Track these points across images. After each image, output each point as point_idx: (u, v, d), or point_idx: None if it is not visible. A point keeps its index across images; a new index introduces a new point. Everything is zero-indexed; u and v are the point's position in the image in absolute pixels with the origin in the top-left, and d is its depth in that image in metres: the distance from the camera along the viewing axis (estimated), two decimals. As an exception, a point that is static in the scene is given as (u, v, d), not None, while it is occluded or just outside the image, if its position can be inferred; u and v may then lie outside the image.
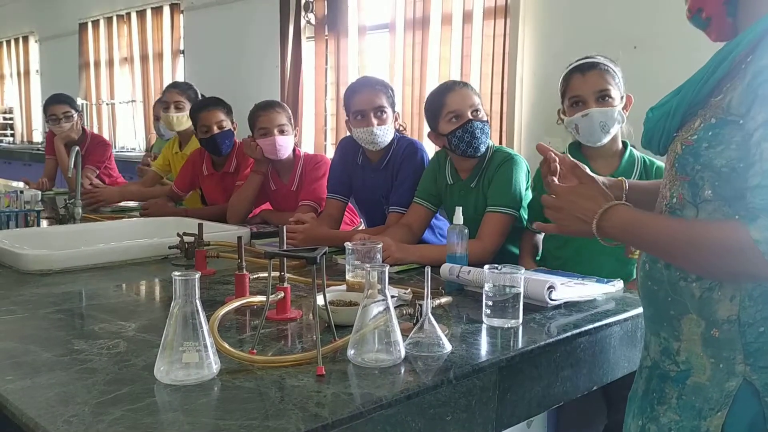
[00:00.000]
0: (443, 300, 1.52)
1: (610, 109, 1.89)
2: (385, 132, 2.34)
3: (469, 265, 1.71)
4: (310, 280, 1.29)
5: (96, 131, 6.57)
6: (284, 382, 1.10)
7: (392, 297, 1.30)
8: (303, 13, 4.97)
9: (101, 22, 7.26)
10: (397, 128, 2.41)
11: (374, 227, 2.47)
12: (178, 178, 3.27)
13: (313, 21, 4.97)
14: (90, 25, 7.37)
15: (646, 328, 1.22)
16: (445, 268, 1.73)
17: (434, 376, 1.13)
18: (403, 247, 1.98)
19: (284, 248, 1.51)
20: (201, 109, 3.05)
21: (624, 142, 2.00)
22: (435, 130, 2.14)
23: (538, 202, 2.05)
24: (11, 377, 1.11)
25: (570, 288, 1.58)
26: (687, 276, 1.08)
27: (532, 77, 3.74)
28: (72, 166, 2.62)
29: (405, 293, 1.54)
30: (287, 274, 1.46)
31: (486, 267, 1.43)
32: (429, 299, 1.27)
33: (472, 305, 1.55)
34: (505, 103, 3.81)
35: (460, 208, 1.78)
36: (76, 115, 3.88)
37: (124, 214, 3.06)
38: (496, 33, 3.81)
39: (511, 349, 1.29)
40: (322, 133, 4.97)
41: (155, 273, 1.96)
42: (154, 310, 1.62)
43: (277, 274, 1.44)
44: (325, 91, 4.94)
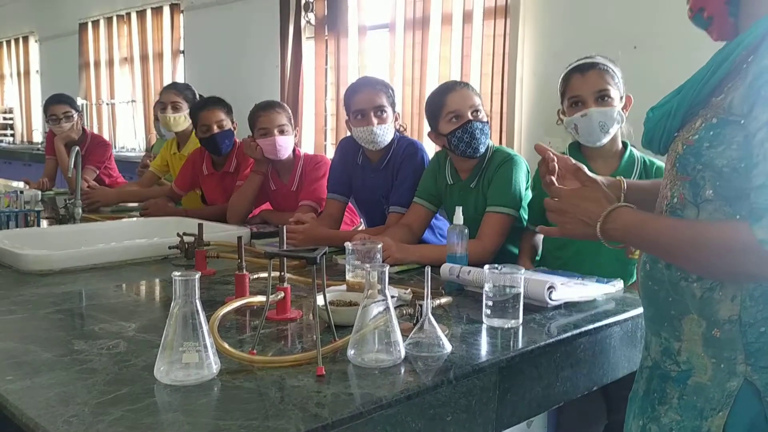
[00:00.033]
0: (443, 300, 1.52)
1: (609, 109, 1.89)
2: (385, 131, 2.34)
3: (469, 266, 1.71)
4: (310, 280, 1.30)
5: (96, 131, 6.56)
6: (284, 383, 1.10)
7: (392, 297, 1.30)
8: (303, 13, 4.97)
9: (101, 22, 7.26)
10: (397, 128, 2.41)
11: (374, 227, 2.47)
12: (178, 177, 3.26)
13: (313, 21, 4.97)
14: (90, 25, 7.38)
15: (646, 328, 1.22)
16: (445, 268, 1.73)
17: (434, 376, 1.13)
18: (403, 247, 1.98)
19: (284, 248, 1.51)
20: (201, 108, 3.05)
21: (624, 142, 2.00)
22: (435, 130, 2.14)
23: (538, 202, 2.06)
24: (11, 377, 1.11)
25: (570, 288, 1.58)
26: (688, 276, 1.08)
27: (532, 77, 3.74)
28: (72, 166, 2.62)
29: (405, 293, 1.54)
30: (287, 274, 1.46)
31: (486, 267, 1.43)
32: (429, 299, 1.27)
33: (472, 305, 1.55)
34: (505, 103, 3.81)
35: (461, 208, 1.78)
36: (76, 115, 3.88)
37: (124, 214, 3.06)
38: (496, 33, 3.81)
39: (511, 349, 1.29)
40: (322, 133, 4.97)
41: (155, 273, 1.96)
42: (154, 311, 1.62)
43: (277, 274, 1.44)
44: (325, 91, 4.94)
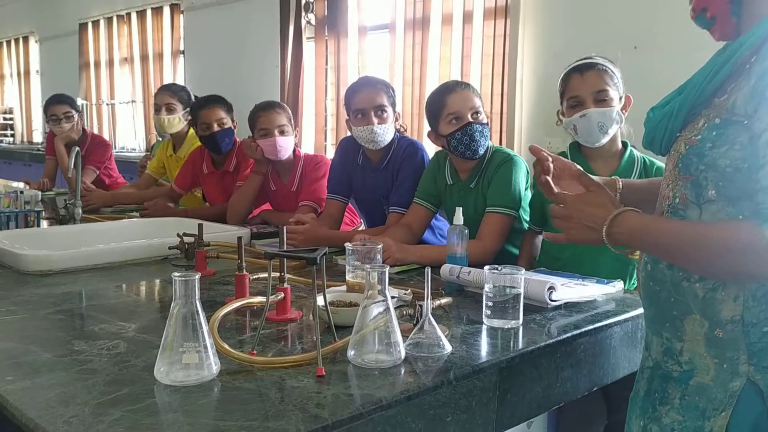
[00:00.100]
0: (443, 301, 1.52)
1: (608, 110, 1.89)
2: (386, 131, 2.34)
3: (469, 266, 1.71)
4: (310, 280, 1.29)
5: (96, 131, 6.56)
6: (284, 383, 1.09)
7: (392, 298, 1.30)
8: (303, 13, 4.97)
9: (101, 23, 7.26)
10: (397, 129, 2.41)
11: (374, 227, 2.47)
12: (179, 176, 3.26)
13: (313, 21, 4.97)
14: (90, 25, 7.37)
15: (647, 328, 1.22)
16: (446, 268, 1.73)
17: (434, 376, 1.13)
18: (404, 248, 1.98)
19: (284, 249, 1.51)
20: (201, 106, 3.05)
21: (624, 143, 2.00)
22: (435, 131, 2.14)
23: (538, 202, 2.06)
24: (11, 377, 1.11)
25: (570, 289, 1.58)
26: (690, 276, 1.08)
27: (532, 77, 3.74)
28: (72, 166, 2.62)
29: (405, 294, 1.54)
30: (287, 275, 1.46)
31: (486, 268, 1.43)
32: (429, 300, 1.27)
33: (473, 306, 1.55)
34: (505, 104, 3.81)
35: (461, 208, 1.78)
36: (76, 116, 3.88)
37: (124, 214, 3.05)
38: (496, 33, 3.81)
39: (511, 349, 1.29)
40: (323, 134, 4.97)
41: (155, 273, 1.96)
42: (154, 311, 1.62)
43: (277, 274, 1.44)
44: (325, 92, 4.94)
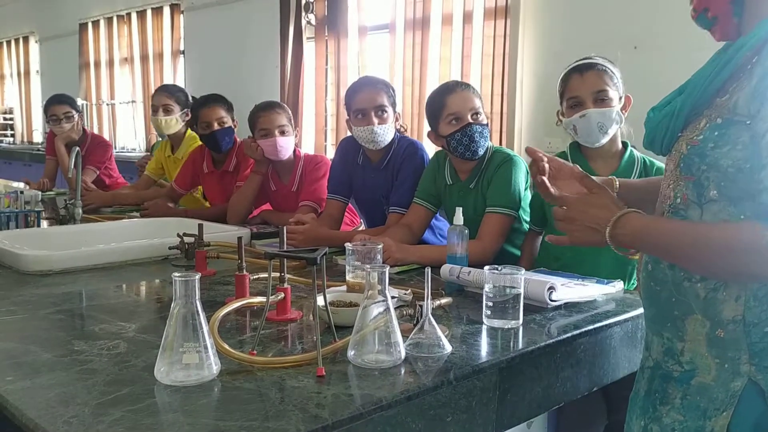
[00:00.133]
0: (443, 301, 1.52)
1: (607, 110, 1.89)
2: (386, 131, 2.34)
3: (469, 266, 1.71)
4: (311, 280, 1.29)
5: (96, 132, 6.56)
6: (284, 383, 1.09)
7: (392, 298, 1.30)
8: (303, 13, 4.97)
9: (101, 23, 7.26)
10: (398, 129, 2.41)
11: (374, 227, 2.47)
12: (179, 176, 3.26)
13: (313, 21, 4.97)
14: (90, 25, 7.38)
15: (647, 328, 1.21)
16: (446, 268, 1.73)
17: (434, 377, 1.13)
18: (404, 248, 1.98)
19: (284, 249, 1.51)
20: (202, 105, 3.05)
21: (624, 143, 1.99)
22: (435, 131, 2.14)
23: (538, 203, 2.06)
24: (11, 378, 1.11)
25: (570, 289, 1.58)
26: (691, 276, 1.07)
27: (532, 78, 3.74)
28: (72, 166, 2.62)
29: (405, 294, 1.54)
30: (287, 275, 1.46)
31: (486, 268, 1.43)
32: (429, 300, 1.27)
33: (473, 306, 1.55)
34: (506, 104, 3.81)
35: (461, 208, 1.78)
36: (76, 116, 3.88)
37: (125, 214, 3.05)
38: (496, 33, 3.81)
39: (511, 349, 1.29)
40: (323, 134, 4.97)
41: (155, 274, 1.96)
42: (154, 311, 1.62)
43: (278, 274, 1.44)
44: (325, 92, 4.94)
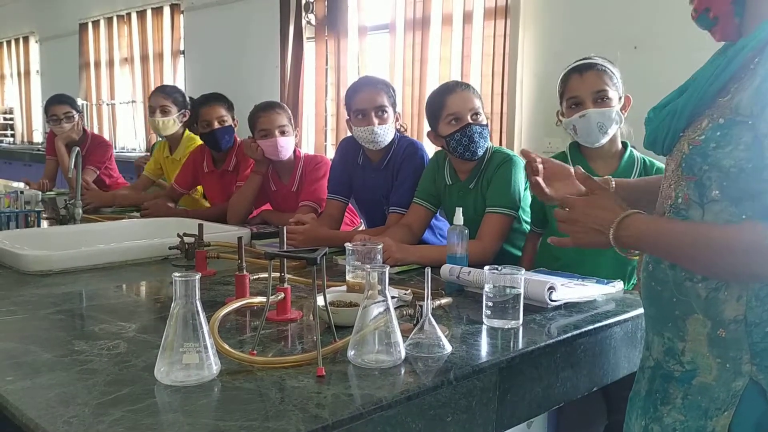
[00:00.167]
0: (443, 301, 1.52)
1: (607, 110, 1.89)
2: (386, 131, 2.34)
3: (469, 266, 1.71)
4: (311, 280, 1.30)
5: (96, 132, 6.56)
6: (284, 383, 1.10)
7: (392, 298, 1.30)
8: (303, 13, 4.97)
9: (101, 23, 7.26)
10: (398, 128, 2.42)
11: (374, 227, 2.47)
12: (179, 175, 3.25)
13: (313, 21, 4.97)
14: (90, 25, 7.37)
15: (647, 328, 1.21)
16: (446, 268, 1.73)
17: (434, 377, 1.13)
18: (404, 248, 1.98)
19: (284, 249, 1.51)
20: (203, 104, 3.06)
21: (624, 143, 2.00)
22: (434, 131, 2.14)
23: (539, 204, 2.06)
24: (11, 377, 1.11)
25: (570, 289, 1.58)
26: (693, 276, 1.07)
27: (532, 78, 3.74)
28: (72, 166, 2.62)
29: (405, 294, 1.54)
30: (287, 275, 1.46)
31: (486, 268, 1.43)
32: (429, 300, 1.27)
33: (473, 306, 1.55)
34: (506, 104, 3.81)
35: (461, 208, 1.78)
36: (77, 116, 3.88)
37: (125, 214, 3.06)
38: (496, 33, 3.81)
39: (511, 350, 1.29)
40: (323, 134, 4.97)
41: (155, 274, 1.96)
42: (154, 311, 1.62)
43: (278, 274, 1.44)
44: (325, 92, 4.94)
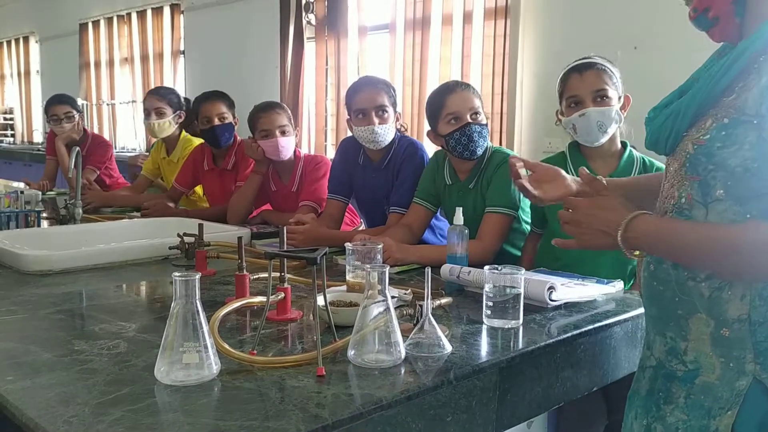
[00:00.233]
0: (443, 301, 1.52)
1: (607, 109, 1.89)
2: (386, 131, 2.34)
3: (469, 266, 1.71)
4: (311, 280, 1.30)
5: (96, 132, 6.56)
6: (284, 383, 1.10)
7: (392, 297, 1.30)
8: (303, 13, 4.97)
9: (101, 23, 7.26)
10: (398, 128, 2.42)
11: (374, 227, 2.47)
12: (180, 174, 3.26)
13: (313, 21, 4.97)
14: (90, 25, 7.37)
15: (649, 327, 1.21)
16: (446, 268, 1.73)
17: (434, 376, 1.13)
18: (404, 248, 1.99)
19: (284, 249, 1.51)
20: (203, 100, 3.07)
21: (623, 142, 1.99)
22: (434, 131, 2.14)
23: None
24: (11, 377, 1.11)
25: (570, 289, 1.58)
26: (696, 276, 1.07)
27: (532, 77, 3.74)
28: (72, 166, 2.62)
29: (405, 294, 1.54)
30: (287, 275, 1.46)
31: (486, 268, 1.43)
32: (429, 300, 1.27)
33: (473, 306, 1.55)
34: (506, 104, 3.81)
35: (461, 208, 1.78)
36: (77, 116, 3.88)
37: (124, 214, 3.06)
38: (496, 33, 3.81)
39: (511, 349, 1.29)
40: (323, 134, 4.97)
41: (155, 273, 1.96)
42: (154, 311, 1.62)
43: (278, 274, 1.44)
44: (325, 92, 4.94)
